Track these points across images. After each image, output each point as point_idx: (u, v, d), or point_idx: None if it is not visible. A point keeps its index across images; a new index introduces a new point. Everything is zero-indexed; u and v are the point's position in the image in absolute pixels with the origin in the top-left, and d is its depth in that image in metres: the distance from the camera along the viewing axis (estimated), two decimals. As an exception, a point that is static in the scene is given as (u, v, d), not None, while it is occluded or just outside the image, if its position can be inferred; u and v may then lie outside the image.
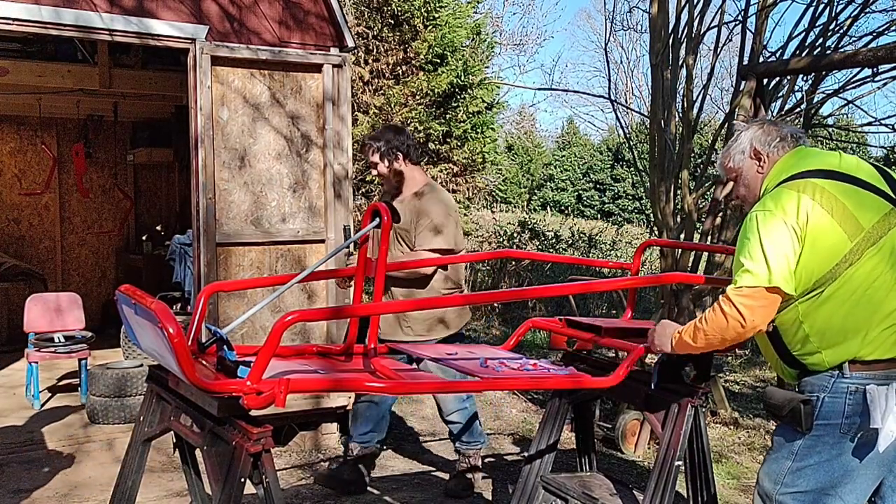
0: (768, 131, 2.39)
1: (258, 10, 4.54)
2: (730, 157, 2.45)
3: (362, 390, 3.17)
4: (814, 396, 2.19)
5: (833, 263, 2.12)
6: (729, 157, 2.46)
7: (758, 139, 2.38)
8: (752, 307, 2.14)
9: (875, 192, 2.22)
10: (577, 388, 2.83)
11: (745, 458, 4.90)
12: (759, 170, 2.39)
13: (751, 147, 2.39)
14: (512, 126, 30.92)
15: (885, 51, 4.48)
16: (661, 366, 2.66)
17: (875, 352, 2.15)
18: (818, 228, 2.13)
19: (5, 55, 6.34)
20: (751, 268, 2.15)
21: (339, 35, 4.76)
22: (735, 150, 2.43)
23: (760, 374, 7.50)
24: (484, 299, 6.81)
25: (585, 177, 30.50)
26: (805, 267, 2.14)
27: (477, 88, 10.86)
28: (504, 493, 4.14)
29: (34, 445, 4.59)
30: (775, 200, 2.19)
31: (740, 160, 2.42)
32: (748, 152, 2.40)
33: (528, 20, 52.85)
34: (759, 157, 2.38)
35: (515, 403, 6.09)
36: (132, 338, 2.11)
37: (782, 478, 2.26)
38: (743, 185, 2.46)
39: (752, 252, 2.16)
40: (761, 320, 2.17)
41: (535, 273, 11.27)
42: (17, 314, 6.22)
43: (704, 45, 8.93)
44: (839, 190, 2.18)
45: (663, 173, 5.70)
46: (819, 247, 2.13)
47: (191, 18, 4.34)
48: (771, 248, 2.12)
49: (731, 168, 2.46)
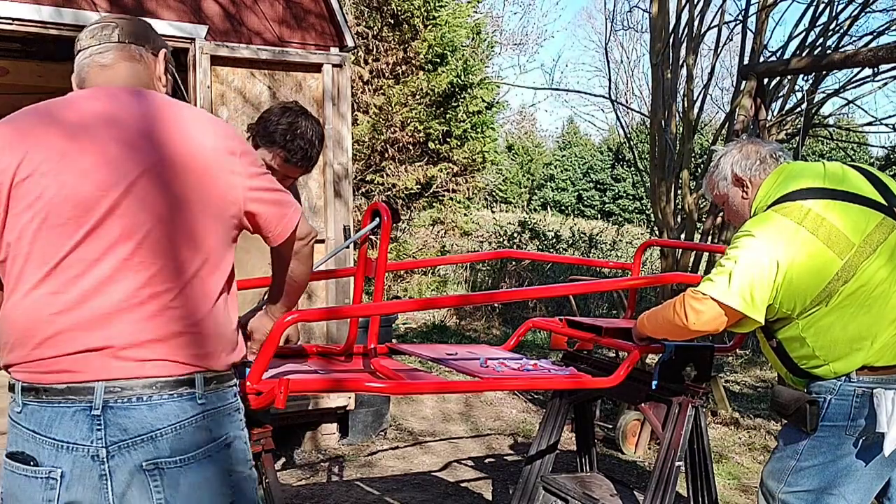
0: (747, 154, 2.37)
1: (258, 9, 4.54)
2: (714, 185, 2.46)
3: (362, 390, 3.17)
4: (820, 398, 2.19)
5: (825, 283, 2.11)
6: (713, 184, 2.46)
7: (738, 164, 2.37)
8: (698, 312, 2.18)
9: (863, 203, 2.20)
10: (577, 388, 2.83)
11: (746, 458, 4.90)
12: (744, 195, 2.39)
13: (732, 174, 2.39)
14: (512, 126, 30.96)
15: (886, 51, 4.48)
16: (662, 366, 2.67)
17: (882, 358, 2.14)
18: (804, 253, 2.12)
19: (5, 55, 6.34)
20: (715, 278, 2.17)
21: (339, 34, 4.76)
22: (718, 177, 2.43)
23: (761, 374, 7.50)
24: (484, 299, 6.81)
25: (586, 177, 30.49)
26: (796, 290, 2.13)
27: (477, 88, 10.87)
28: (504, 493, 4.13)
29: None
30: (761, 226, 2.19)
31: (724, 187, 2.42)
32: (730, 179, 2.40)
33: (528, 20, 52.81)
34: (741, 183, 2.38)
35: (515, 403, 6.09)
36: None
37: (786, 477, 2.26)
38: (731, 211, 2.46)
39: (724, 264, 2.18)
40: (704, 327, 2.21)
41: (535, 273, 11.27)
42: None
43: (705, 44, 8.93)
44: (826, 208, 2.16)
45: (664, 173, 5.70)
46: (807, 270, 2.12)
47: (191, 18, 4.34)
48: (740, 269, 2.13)
49: (717, 195, 2.47)
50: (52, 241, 1.47)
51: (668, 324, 2.31)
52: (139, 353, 1.49)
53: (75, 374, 1.47)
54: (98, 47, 1.64)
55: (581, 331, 2.90)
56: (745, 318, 2.17)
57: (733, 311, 2.14)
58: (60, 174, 1.48)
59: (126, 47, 1.65)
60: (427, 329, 8.87)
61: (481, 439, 5.18)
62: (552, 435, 3.11)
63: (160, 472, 1.49)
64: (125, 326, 1.48)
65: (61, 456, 1.47)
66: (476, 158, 10.84)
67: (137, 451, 1.48)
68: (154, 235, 1.50)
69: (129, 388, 1.47)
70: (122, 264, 1.48)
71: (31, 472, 1.48)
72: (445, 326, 9.14)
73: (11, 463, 1.50)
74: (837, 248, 2.12)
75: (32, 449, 1.49)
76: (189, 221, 1.53)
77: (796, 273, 2.12)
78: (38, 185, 1.47)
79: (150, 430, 1.48)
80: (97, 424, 1.46)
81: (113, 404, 1.47)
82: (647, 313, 2.47)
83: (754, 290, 2.12)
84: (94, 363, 1.47)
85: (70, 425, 1.47)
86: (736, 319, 2.19)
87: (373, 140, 9.69)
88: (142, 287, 1.49)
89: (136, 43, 1.67)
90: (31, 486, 1.48)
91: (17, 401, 1.50)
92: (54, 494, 1.47)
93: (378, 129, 9.61)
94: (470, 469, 4.57)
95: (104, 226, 1.48)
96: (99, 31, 1.66)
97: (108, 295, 1.48)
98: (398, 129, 9.77)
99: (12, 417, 1.53)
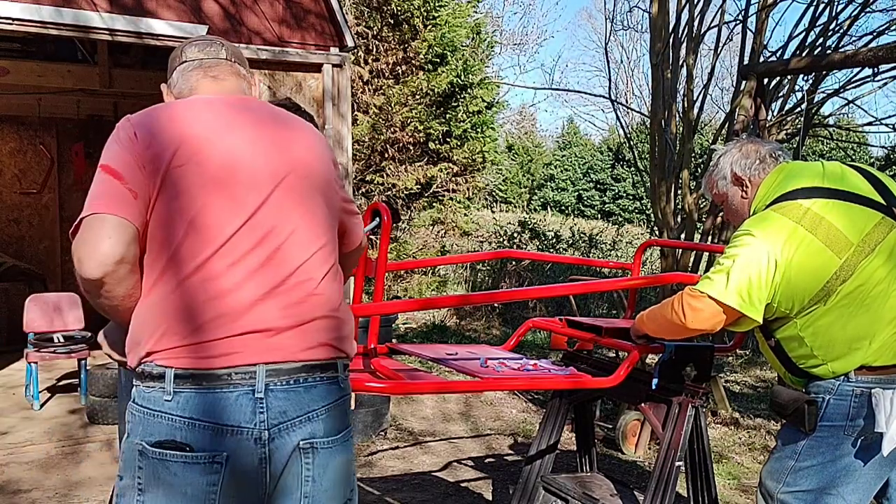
0: (747, 153, 2.38)
1: (258, 9, 4.54)
2: (714, 184, 2.47)
3: (362, 390, 3.16)
4: (819, 398, 2.19)
5: (823, 282, 2.12)
6: (713, 183, 2.47)
7: (737, 164, 2.38)
8: (696, 310, 2.19)
9: (862, 202, 2.20)
10: (577, 388, 2.83)
11: (746, 458, 4.90)
12: (743, 195, 2.39)
13: (731, 173, 2.39)
14: (512, 126, 30.96)
15: (886, 50, 4.47)
16: (662, 366, 2.66)
17: (881, 358, 2.14)
18: (803, 252, 2.12)
19: (5, 55, 6.34)
20: (713, 277, 2.18)
21: (339, 34, 4.76)
22: (717, 176, 2.44)
23: (761, 374, 7.49)
24: (484, 299, 6.81)
25: (586, 177, 30.49)
26: (794, 289, 2.13)
27: (477, 88, 10.87)
28: (504, 493, 4.13)
29: (34, 446, 4.59)
30: (759, 225, 2.19)
31: (724, 186, 2.43)
32: (730, 178, 2.40)
33: (528, 20, 52.88)
34: (741, 182, 2.38)
35: (515, 403, 6.09)
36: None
37: (784, 477, 2.26)
38: (731, 210, 2.46)
39: (723, 263, 2.18)
40: (701, 326, 2.21)
41: (535, 273, 11.27)
42: (17, 314, 6.21)
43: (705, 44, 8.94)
44: (824, 208, 2.17)
45: (664, 173, 5.70)
46: (806, 269, 2.12)
47: (191, 18, 4.34)
48: (738, 268, 2.13)
49: (717, 194, 2.48)
50: (207, 231, 1.52)
51: (667, 322, 2.32)
52: (294, 336, 1.55)
53: (236, 357, 1.50)
54: (208, 61, 1.75)
55: (581, 331, 2.90)
56: (743, 317, 2.17)
57: (731, 309, 2.15)
58: (220, 165, 1.55)
59: (233, 65, 1.78)
60: (427, 329, 8.86)
61: (481, 439, 5.18)
62: (552, 435, 3.11)
63: (314, 452, 1.57)
64: (278, 311, 1.54)
65: (224, 440, 1.48)
66: (476, 158, 10.85)
67: (296, 431, 1.54)
68: (301, 228, 1.60)
69: (288, 370, 1.53)
70: (273, 253, 1.56)
71: (189, 458, 1.48)
72: (445, 326, 9.14)
73: (161, 451, 1.49)
74: (836, 248, 2.12)
75: (186, 436, 1.48)
76: (325, 219, 1.67)
77: (794, 272, 2.12)
78: (195, 173, 1.52)
79: (308, 412, 1.55)
80: (260, 407, 1.50)
81: (273, 387, 1.51)
82: (646, 312, 2.47)
83: (752, 289, 2.12)
84: (254, 346, 1.51)
85: (233, 409, 1.49)
86: (734, 318, 2.19)
87: (373, 140, 9.69)
88: (291, 275, 1.57)
89: (240, 63, 1.80)
90: (190, 472, 1.48)
91: (168, 389, 1.49)
92: (218, 479, 1.48)
93: (378, 129, 9.61)
94: (470, 469, 4.57)
95: (258, 216, 1.56)
96: (206, 46, 1.77)
97: (260, 281, 1.54)
98: (398, 129, 9.77)
99: (154, 407, 1.50)
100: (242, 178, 1.55)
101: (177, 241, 1.50)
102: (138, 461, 1.51)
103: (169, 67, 1.81)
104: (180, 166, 1.51)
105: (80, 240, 1.48)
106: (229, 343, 1.49)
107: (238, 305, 1.51)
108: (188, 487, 1.48)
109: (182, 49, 1.78)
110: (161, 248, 1.51)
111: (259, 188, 1.57)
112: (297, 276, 1.58)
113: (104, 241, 1.45)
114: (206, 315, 1.49)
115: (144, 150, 1.51)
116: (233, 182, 1.54)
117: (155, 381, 1.50)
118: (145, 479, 1.51)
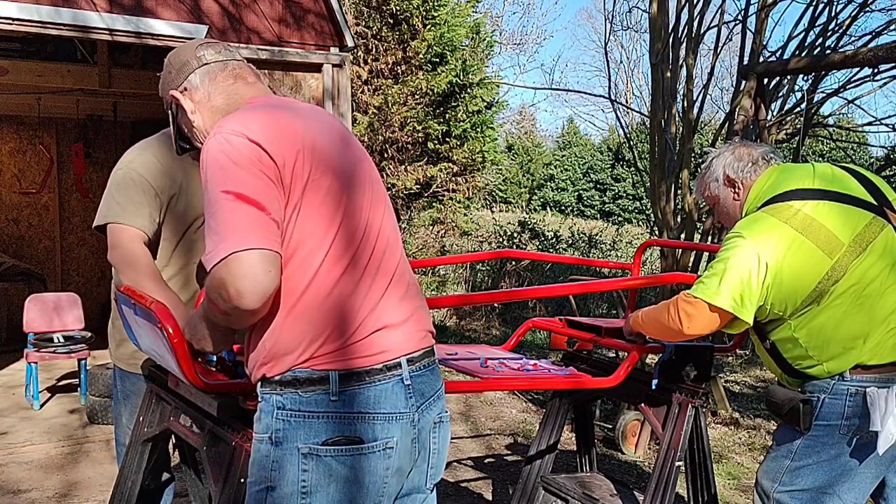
0: (739, 156, 2.39)
1: (257, 8, 4.54)
2: (706, 186, 2.48)
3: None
4: (814, 397, 2.20)
5: (815, 283, 2.13)
6: (705, 185, 2.48)
7: (730, 166, 2.39)
8: (691, 316, 2.20)
9: (853, 202, 2.21)
10: (577, 388, 2.82)
11: (746, 458, 4.90)
12: (735, 197, 2.41)
13: (724, 175, 2.41)
14: (512, 126, 30.98)
15: (885, 50, 4.47)
16: (662, 366, 2.67)
17: (875, 357, 2.15)
18: (794, 253, 2.13)
19: (5, 55, 6.33)
20: (706, 281, 2.20)
21: (338, 34, 4.76)
22: (709, 178, 2.46)
23: (760, 374, 7.50)
24: (484, 299, 6.81)
25: (586, 177, 30.51)
26: (787, 291, 2.14)
27: (476, 88, 10.88)
28: (504, 493, 4.13)
29: (33, 446, 4.59)
30: (750, 227, 2.20)
31: (716, 188, 2.44)
32: (722, 180, 2.42)
33: (528, 19, 52.98)
34: (733, 184, 2.40)
35: (515, 403, 6.09)
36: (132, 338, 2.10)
37: (780, 476, 2.27)
38: (723, 213, 2.47)
39: (715, 267, 2.20)
40: (698, 331, 2.23)
41: (535, 273, 11.27)
42: (17, 314, 6.21)
43: (704, 44, 8.94)
44: (816, 209, 2.18)
45: (664, 173, 5.69)
46: (798, 270, 2.13)
47: (190, 17, 4.34)
48: (730, 271, 2.15)
49: (709, 196, 2.49)
50: (349, 235, 1.60)
51: (664, 327, 2.33)
52: (410, 326, 1.67)
53: (386, 354, 1.60)
54: (231, 63, 1.80)
55: (581, 331, 2.90)
56: (736, 319, 2.18)
57: (724, 312, 2.16)
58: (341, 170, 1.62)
59: (252, 67, 1.83)
60: (427, 329, 8.85)
61: (481, 439, 5.18)
62: (552, 435, 3.11)
63: (441, 426, 1.75)
64: (397, 305, 1.65)
65: (391, 427, 1.60)
66: (476, 158, 10.85)
67: (431, 409, 1.70)
68: (385, 220, 1.69)
69: (419, 357, 1.67)
70: (384, 248, 1.66)
71: (365, 449, 1.57)
72: (445, 326, 9.14)
73: (335, 448, 1.56)
74: (827, 248, 2.13)
75: (355, 430, 1.57)
76: (393, 212, 1.76)
77: (786, 273, 2.13)
78: (328, 183, 1.58)
79: (436, 391, 1.72)
80: (409, 393, 1.63)
81: (412, 373, 1.64)
82: (642, 312, 2.47)
83: (744, 291, 2.13)
84: (394, 339, 1.62)
85: (393, 398, 1.60)
86: (727, 320, 2.20)
87: (372, 140, 9.69)
88: (397, 268, 1.68)
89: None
90: (367, 462, 1.58)
91: (333, 390, 1.56)
92: (391, 462, 1.60)
93: (377, 128, 9.61)
94: (470, 469, 4.57)
95: (369, 215, 1.66)
96: (223, 49, 1.82)
97: (381, 277, 1.64)
98: (397, 129, 9.77)
99: (317, 409, 1.56)
100: (356, 181, 1.64)
101: (327, 248, 1.56)
102: (302, 465, 1.55)
103: (178, 71, 1.79)
104: (317, 179, 1.56)
105: (239, 275, 1.46)
106: (377, 340, 1.59)
107: (373, 303, 1.61)
108: (367, 476, 1.58)
109: (194, 53, 1.78)
110: (309, 257, 1.55)
111: (363, 188, 1.65)
112: (399, 269, 1.69)
113: (265, 276, 1.48)
114: (357, 316, 1.58)
115: (283, 168, 1.52)
116: (350, 185, 1.62)
117: (315, 384, 1.56)
118: (314, 481, 1.56)
